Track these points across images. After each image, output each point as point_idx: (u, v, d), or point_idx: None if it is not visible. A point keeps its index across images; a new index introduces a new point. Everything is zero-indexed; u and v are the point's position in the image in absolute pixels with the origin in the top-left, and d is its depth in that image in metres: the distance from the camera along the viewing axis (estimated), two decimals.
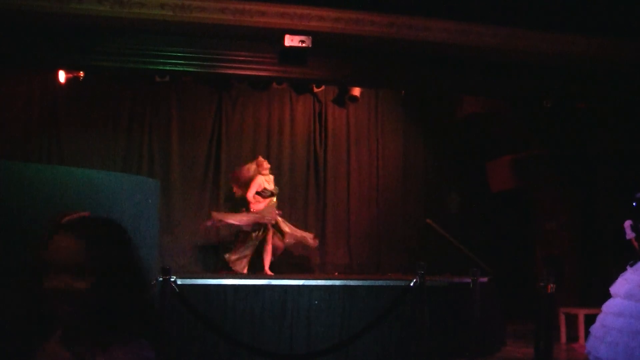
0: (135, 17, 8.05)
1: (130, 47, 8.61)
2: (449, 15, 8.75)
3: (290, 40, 8.42)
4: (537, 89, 9.96)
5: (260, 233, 10.49)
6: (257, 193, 10.63)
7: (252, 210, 10.58)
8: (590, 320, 7.49)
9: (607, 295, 7.10)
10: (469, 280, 7.68)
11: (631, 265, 6.34)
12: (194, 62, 8.94)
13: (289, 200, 11.36)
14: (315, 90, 12.10)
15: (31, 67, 10.43)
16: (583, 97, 10.34)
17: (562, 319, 10.27)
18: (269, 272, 10.29)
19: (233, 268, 10.31)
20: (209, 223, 10.68)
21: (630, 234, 8.09)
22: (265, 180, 10.69)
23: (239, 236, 10.76)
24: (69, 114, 11.21)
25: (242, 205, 10.94)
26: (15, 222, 6.12)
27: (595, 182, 10.94)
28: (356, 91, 11.95)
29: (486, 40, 8.95)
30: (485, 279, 9.14)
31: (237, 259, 10.39)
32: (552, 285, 7.24)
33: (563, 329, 10.27)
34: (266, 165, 10.78)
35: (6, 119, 10.82)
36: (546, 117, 11.10)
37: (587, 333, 7.26)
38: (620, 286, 6.59)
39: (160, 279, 6.68)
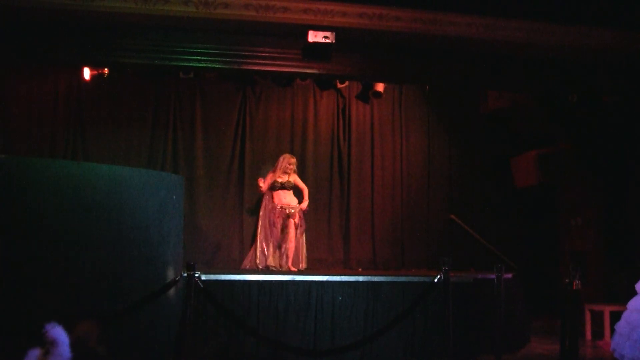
0: (159, 13, 8.10)
1: (155, 44, 8.66)
2: (473, 9, 8.71)
3: (313, 36, 8.42)
4: (562, 83, 9.88)
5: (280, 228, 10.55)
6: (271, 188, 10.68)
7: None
8: (616, 317, 7.46)
9: (633, 292, 7.07)
10: (493, 276, 7.64)
11: None
12: (218, 59, 8.95)
13: (312, 196, 11.32)
14: (339, 86, 12.09)
15: (56, 64, 10.51)
16: (609, 91, 10.26)
17: (588, 316, 10.22)
18: (292, 268, 10.30)
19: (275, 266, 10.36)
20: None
21: None
22: (279, 176, 10.67)
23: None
24: (94, 110, 11.28)
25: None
26: (42, 218, 6.20)
27: (621, 177, 10.85)
28: (380, 87, 11.92)
29: (511, 35, 8.90)
30: (509, 275, 9.09)
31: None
32: (577, 281, 7.19)
33: (588, 326, 10.22)
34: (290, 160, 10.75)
35: (31, 116, 10.94)
36: (571, 111, 11.02)
37: (612, 330, 7.24)
38: None
39: (185, 274, 6.72)
